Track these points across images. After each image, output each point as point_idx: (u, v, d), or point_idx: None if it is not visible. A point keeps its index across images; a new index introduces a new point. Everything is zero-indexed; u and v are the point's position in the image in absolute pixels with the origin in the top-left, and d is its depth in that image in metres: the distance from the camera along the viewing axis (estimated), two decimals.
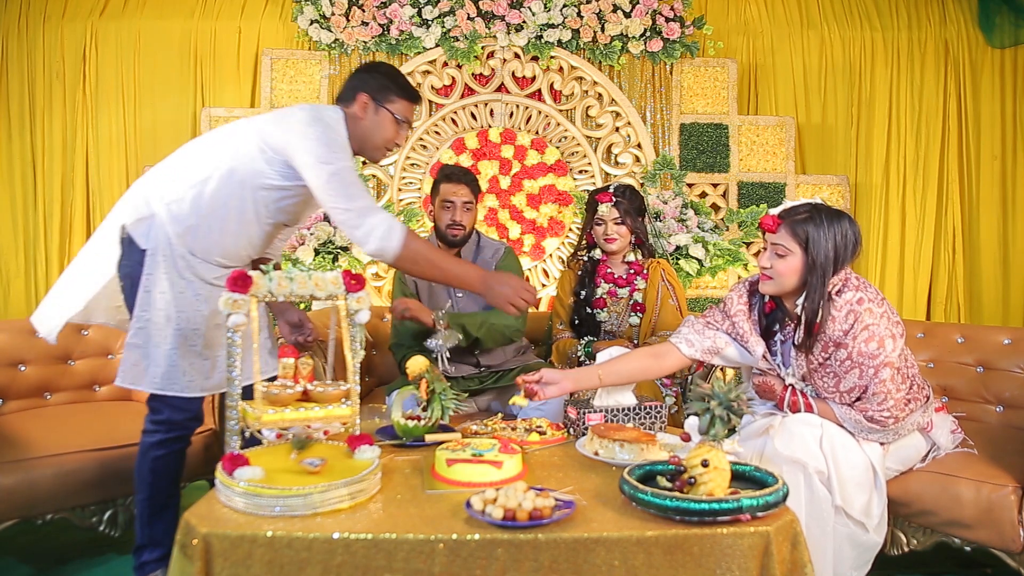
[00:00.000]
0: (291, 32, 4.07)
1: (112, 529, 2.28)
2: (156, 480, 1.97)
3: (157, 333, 1.90)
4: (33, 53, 4.00)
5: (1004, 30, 4.12)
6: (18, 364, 2.61)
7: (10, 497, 2.09)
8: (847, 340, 1.90)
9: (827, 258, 1.89)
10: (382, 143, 2.10)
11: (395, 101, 2.07)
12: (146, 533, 1.97)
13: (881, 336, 1.89)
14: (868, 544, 1.94)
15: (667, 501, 1.42)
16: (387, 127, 2.08)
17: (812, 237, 1.90)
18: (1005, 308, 4.21)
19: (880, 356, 1.88)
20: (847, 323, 1.90)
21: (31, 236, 4.02)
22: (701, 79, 4.10)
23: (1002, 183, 4.23)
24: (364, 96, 2.06)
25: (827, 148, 4.27)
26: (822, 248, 1.89)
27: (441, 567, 1.37)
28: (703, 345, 2.09)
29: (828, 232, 1.90)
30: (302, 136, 1.90)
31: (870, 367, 1.89)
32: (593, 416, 2.09)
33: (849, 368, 1.92)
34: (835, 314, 1.92)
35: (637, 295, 2.81)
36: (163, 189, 1.94)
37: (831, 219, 1.92)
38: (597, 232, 2.83)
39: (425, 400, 2.03)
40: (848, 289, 1.93)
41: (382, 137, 2.09)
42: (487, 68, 4.00)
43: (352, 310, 1.73)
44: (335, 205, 1.90)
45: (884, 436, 1.97)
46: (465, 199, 2.66)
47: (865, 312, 1.89)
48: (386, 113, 2.07)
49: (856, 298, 1.91)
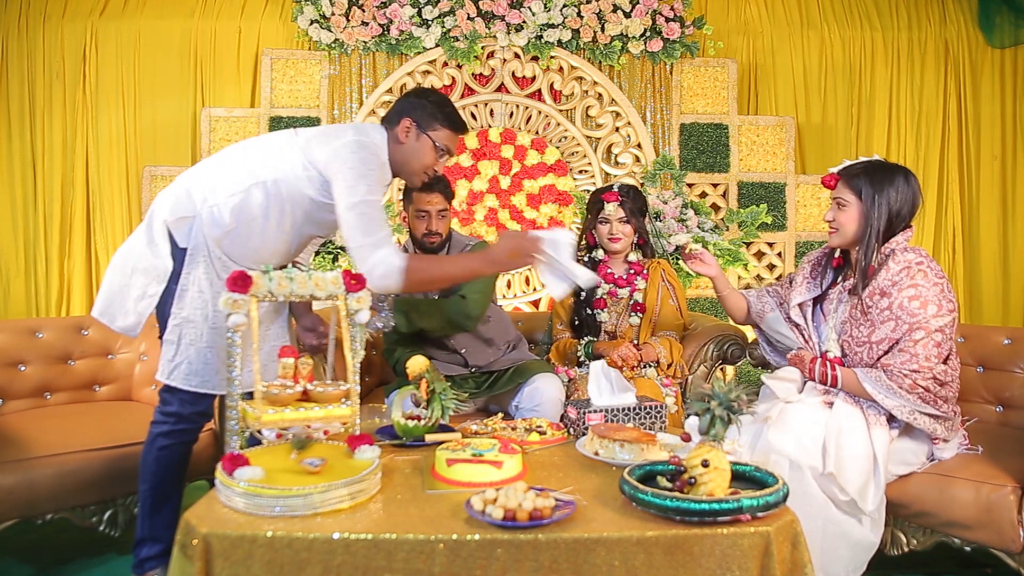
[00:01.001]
0: (291, 32, 4.07)
1: (112, 529, 2.28)
2: (160, 470, 1.98)
3: (192, 331, 1.93)
4: (33, 53, 4.00)
5: (1004, 30, 4.12)
6: (18, 364, 2.61)
7: (10, 497, 2.09)
8: (892, 290, 1.99)
9: (880, 206, 2.03)
10: (420, 168, 2.13)
11: (438, 129, 2.10)
12: (147, 526, 1.98)
13: (926, 299, 1.96)
14: (863, 543, 1.94)
15: (667, 501, 1.42)
16: (427, 154, 2.11)
17: (865, 188, 2.05)
18: (1005, 308, 4.21)
19: (919, 316, 1.95)
20: (899, 275, 2.00)
21: (31, 236, 4.02)
22: (701, 79, 4.10)
23: (1002, 183, 4.23)
24: (408, 121, 2.08)
25: (827, 148, 4.27)
26: (876, 197, 2.04)
27: (441, 567, 1.36)
28: (756, 308, 2.43)
29: (882, 183, 2.04)
30: (343, 161, 1.94)
31: (905, 323, 1.96)
32: (593, 416, 2.09)
33: (887, 319, 1.99)
34: (892, 265, 2.02)
35: (637, 295, 2.81)
36: (207, 191, 1.96)
37: (886, 172, 2.06)
38: (601, 231, 2.83)
39: (425, 400, 2.03)
40: (914, 252, 2.03)
41: (420, 163, 2.12)
42: (487, 68, 4.00)
43: (352, 310, 1.73)
44: (350, 235, 1.93)
45: (901, 403, 1.97)
46: (439, 207, 2.62)
47: (919, 272, 1.99)
48: (427, 140, 2.09)
49: (916, 260, 2.01)
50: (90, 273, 4.05)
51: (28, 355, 2.62)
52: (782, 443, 1.91)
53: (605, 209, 2.79)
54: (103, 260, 4.01)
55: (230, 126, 3.98)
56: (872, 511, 1.94)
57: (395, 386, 2.53)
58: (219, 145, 3.97)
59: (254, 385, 1.62)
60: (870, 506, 1.93)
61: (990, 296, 4.22)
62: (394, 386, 2.55)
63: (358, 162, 1.94)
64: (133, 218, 4.03)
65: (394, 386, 2.55)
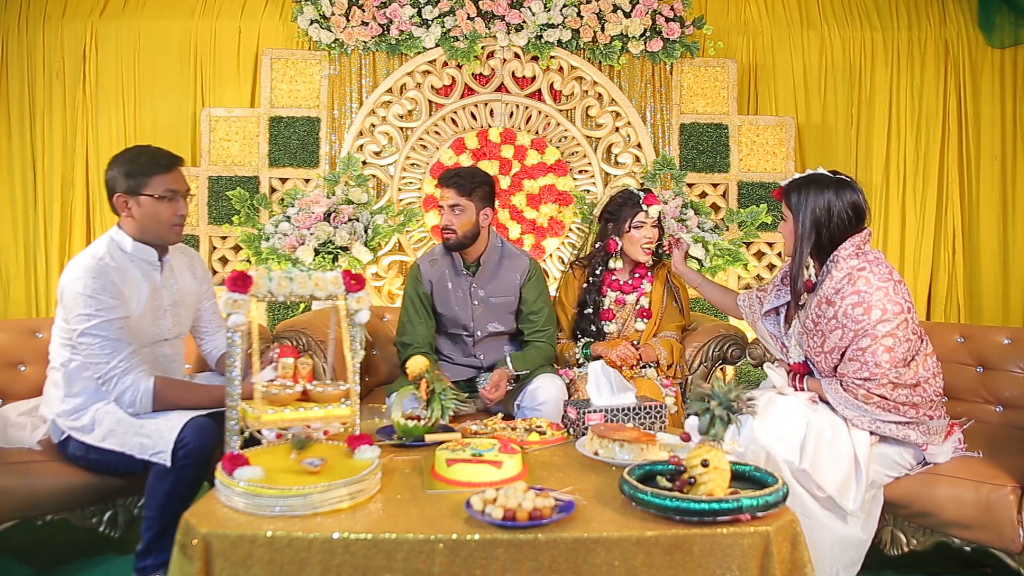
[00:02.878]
0: (291, 32, 4.07)
1: (112, 530, 2.28)
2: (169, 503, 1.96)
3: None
4: (33, 53, 4.00)
5: (1004, 30, 4.11)
6: (18, 364, 2.61)
7: (10, 497, 2.08)
8: (836, 299, 1.98)
9: (806, 222, 2.04)
10: (165, 225, 2.13)
11: (147, 183, 2.10)
12: (155, 545, 1.98)
13: (869, 304, 1.93)
14: (851, 540, 1.93)
15: (667, 501, 1.42)
16: (156, 210, 2.11)
17: (794, 202, 2.08)
18: (1005, 308, 4.21)
19: (863, 322, 1.92)
20: (841, 283, 1.99)
21: (31, 236, 4.02)
22: (701, 79, 4.10)
23: (1002, 183, 4.23)
24: (119, 197, 2.11)
25: (827, 148, 4.27)
26: (802, 213, 2.05)
27: (441, 567, 1.37)
28: (749, 316, 2.41)
29: (811, 198, 2.05)
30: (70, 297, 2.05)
31: (851, 330, 1.94)
32: (593, 416, 2.09)
33: (834, 328, 1.98)
34: (834, 273, 2.00)
35: (644, 300, 2.80)
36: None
37: (819, 187, 2.06)
38: (635, 237, 2.73)
39: (425, 400, 2.03)
40: (857, 258, 2.01)
41: (157, 221, 2.12)
42: (487, 68, 4.00)
43: (352, 310, 1.73)
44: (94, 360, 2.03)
45: (859, 413, 1.96)
46: (451, 202, 2.60)
47: (860, 279, 1.96)
48: (146, 199, 2.10)
49: (859, 265, 1.99)
50: None
51: (28, 355, 2.62)
52: (763, 434, 1.91)
53: (649, 212, 2.71)
54: None
55: (230, 126, 3.98)
56: (855, 510, 1.93)
57: (396, 387, 2.53)
58: (219, 145, 3.97)
59: (253, 385, 1.62)
60: (852, 505, 1.92)
61: (990, 296, 4.22)
62: (394, 387, 2.55)
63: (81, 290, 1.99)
64: None
65: (394, 387, 2.55)
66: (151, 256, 2.17)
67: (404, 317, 2.70)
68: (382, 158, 3.99)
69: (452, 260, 2.72)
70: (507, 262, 2.72)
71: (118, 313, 2.02)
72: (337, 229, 3.72)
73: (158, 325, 2.19)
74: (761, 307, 2.36)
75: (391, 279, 3.98)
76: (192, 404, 2.04)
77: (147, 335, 2.16)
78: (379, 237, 3.81)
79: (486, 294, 2.68)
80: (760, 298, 2.40)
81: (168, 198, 2.11)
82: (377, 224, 3.83)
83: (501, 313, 2.71)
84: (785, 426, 1.94)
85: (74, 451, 2.12)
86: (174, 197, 2.12)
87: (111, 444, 2.03)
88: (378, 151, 3.99)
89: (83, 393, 2.09)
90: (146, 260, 2.16)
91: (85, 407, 2.09)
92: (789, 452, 1.89)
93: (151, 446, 1.96)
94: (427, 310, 2.68)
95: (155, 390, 1.99)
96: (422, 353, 2.33)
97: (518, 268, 2.71)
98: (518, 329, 2.74)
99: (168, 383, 2.05)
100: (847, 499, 1.92)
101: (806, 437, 1.92)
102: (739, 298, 2.48)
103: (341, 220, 3.73)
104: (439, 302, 2.69)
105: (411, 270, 2.77)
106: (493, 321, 2.69)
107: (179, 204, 2.14)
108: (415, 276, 2.72)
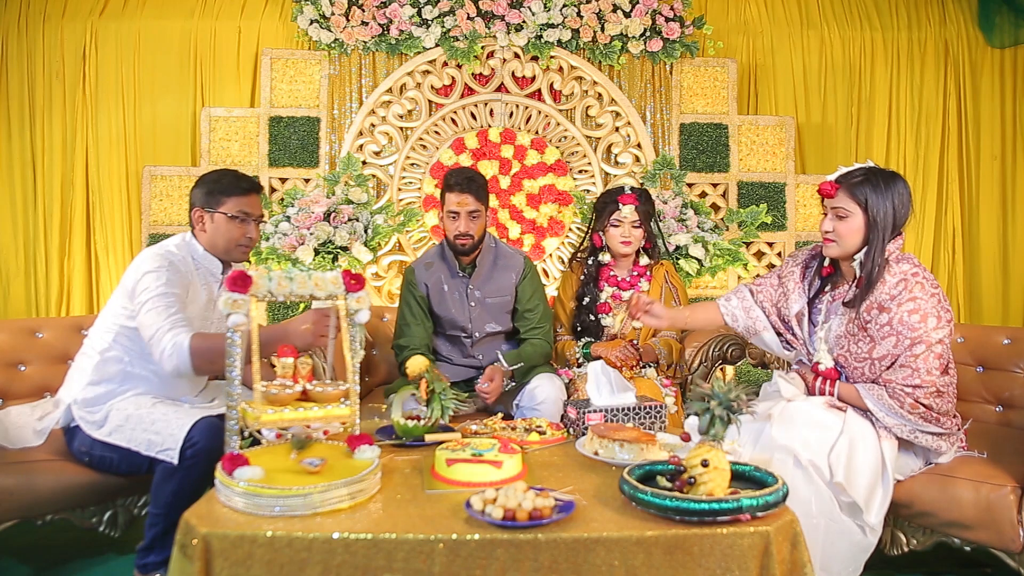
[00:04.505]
0: (291, 32, 4.07)
1: (112, 529, 2.28)
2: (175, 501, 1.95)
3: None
4: (33, 53, 4.00)
5: (1004, 30, 4.11)
6: (18, 364, 2.60)
7: (10, 497, 2.08)
8: (891, 305, 1.94)
9: (886, 216, 1.96)
10: (231, 243, 2.23)
11: (224, 203, 2.20)
12: (158, 542, 1.97)
13: (925, 312, 1.91)
14: (863, 544, 1.93)
15: (667, 501, 1.42)
16: (227, 229, 2.21)
17: (871, 197, 1.97)
18: (1005, 308, 4.21)
19: (920, 330, 1.90)
20: (896, 289, 1.94)
21: (31, 236, 4.02)
22: (701, 79, 4.10)
23: (1002, 183, 4.23)
24: (196, 211, 2.22)
25: (827, 148, 4.27)
26: (881, 207, 1.96)
27: (441, 567, 1.36)
28: (745, 324, 2.26)
29: (886, 192, 1.97)
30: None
31: (907, 338, 1.91)
32: (593, 416, 2.09)
33: (887, 334, 1.94)
34: (888, 278, 1.96)
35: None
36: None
37: (887, 180, 1.99)
38: (613, 234, 2.76)
39: (425, 400, 2.03)
40: (907, 262, 1.98)
41: (225, 239, 2.22)
42: (487, 68, 4.00)
43: (352, 310, 1.73)
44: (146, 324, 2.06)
45: (901, 422, 1.95)
46: (471, 208, 2.58)
47: (916, 285, 1.94)
48: (220, 216, 2.20)
49: (912, 271, 1.96)
50: (90, 273, 4.05)
51: (28, 355, 2.62)
52: (788, 439, 1.89)
53: (623, 211, 2.73)
54: (103, 260, 4.01)
55: (230, 126, 3.98)
56: (875, 524, 1.93)
57: (395, 388, 2.53)
58: (219, 145, 3.97)
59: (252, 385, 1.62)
60: (873, 519, 1.92)
61: (990, 296, 4.22)
62: (394, 388, 2.54)
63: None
64: (133, 218, 4.04)
65: (394, 388, 2.54)
66: (216, 268, 2.26)
67: (401, 320, 2.71)
68: (382, 158, 3.99)
69: (447, 263, 2.71)
70: (502, 262, 2.72)
71: (179, 290, 2.10)
72: (337, 229, 3.72)
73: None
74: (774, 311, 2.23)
75: (391, 279, 3.97)
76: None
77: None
78: (379, 237, 3.82)
79: (482, 295, 2.68)
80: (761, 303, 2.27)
81: (240, 219, 2.21)
82: (377, 224, 3.83)
83: (498, 313, 2.71)
84: (810, 431, 1.91)
85: (79, 444, 2.14)
86: (246, 219, 2.23)
87: (117, 439, 2.05)
88: (378, 151, 3.99)
89: (106, 383, 2.14)
90: (210, 271, 2.25)
91: (102, 402, 2.12)
92: (817, 456, 1.88)
93: (159, 443, 1.97)
94: (424, 313, 2.68)
95: (192, 347, 1.99)
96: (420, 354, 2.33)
97: (513, 267, 2.72)
98: (514, 328, 2.74)
99: (204, 337, 2.05)
100: (871, 512, 1.91)
101: (838, 448, 1.89)
102: (722, 307, 2.30)
103: (341, 220, 3.73)
104: (436, 304, 2.69)
105: (406, 274, 2.77)
106: (490, 322, 2.70)
107: (250, 227, 2.24)
108: (410, 280, 2.73)
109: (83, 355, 2.22)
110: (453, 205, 2.58)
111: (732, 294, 2.33)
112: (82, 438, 2.13)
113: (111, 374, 2.14)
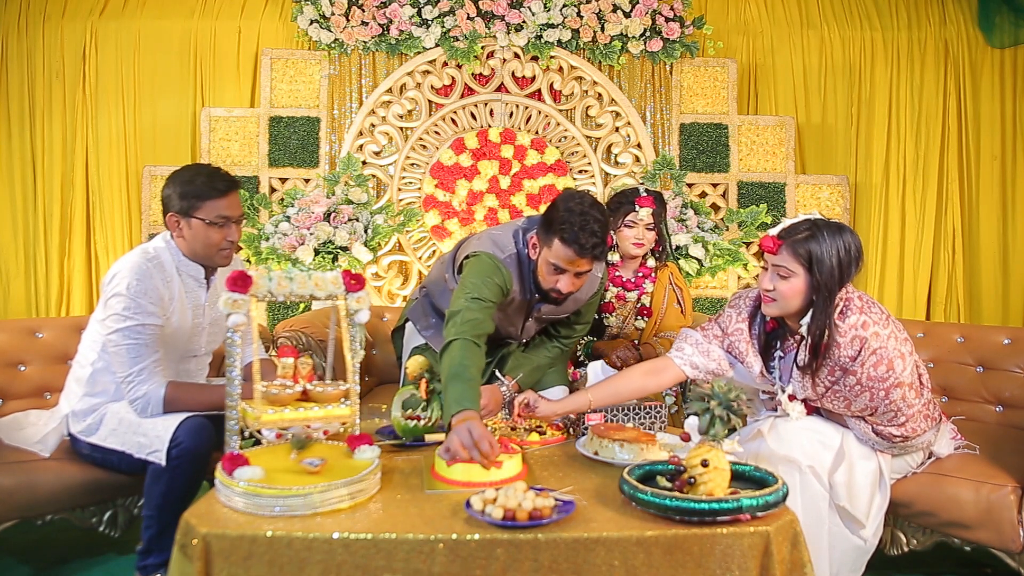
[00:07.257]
0: (291, 32, 4.07)
1: (112, 529, 2.28)
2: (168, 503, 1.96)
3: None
4: (33, 53, 4.00)
5: (1004, 30, 4.11)
6: (18, 364, 2.60)
7: (10, 497, 2.08)
8: (855, 367, 1.83)
9: (832, 276, 1.82)
10: (211, 248, 2.12)
11: (200, 207, 2.07)
12: (155, 543, 1.97)
13: (890, 358, 1.82)
14: (864, 548, 1.93)
15: (667, 501, 1.42)
16: (205, 234, 2.10)
17: (815, 256, 1.81)
18: (1005, 308, 4.21)
19: (890, 378, 1.83)
20: (853, 349, 1.83)
21: (31, 236, 4.02)
22: (701, 79, 4.10)
23: (1002, 183, 4.23)
24: (171, 216, 2.10)
25: (827, 148, 4.27)
26: (826, 267, 1.81)
27: (441, 567, 1.36)
28: (708, 367, 2.04)
29: (831, 249, 1.81)
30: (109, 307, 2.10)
31: (880, 390, 1.84)
32: (593, 416, 2.09)
33: (859, 392, 1.86)
34: (840, 340, 1.83)
35: (644, 299, 2.79)
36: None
37: (833, 234, 1.83)
38: (626, 235, 2.72)
39: (425, 400, 2.03)
40: (851, 312, 1.84)
41: (204, 244, 2.11)
42: (487, 68, 4.00)
43: (352, 310, 1.73)
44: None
45: (892, 449, 1.97)
46: (584, 270, 2.12)
47: (872, 336, 1.82)
48: (197, 222, 2.09)
49: (860, 322, 1.83)
50: (90, 273, 4.05)
51: (28, 355, 2.62)
52: (787, 449, 1.89)
53: (638, 213, 2.71)
54: (103, 260, 4.01)
55: (230, 126, 3.98)
56: (870, 536, 1.93)
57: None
58: (219, 145, 3.97)
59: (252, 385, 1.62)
60: (872, 526, 1.92)
61: (990, 296, 4.22)
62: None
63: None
64: (133, 218, 4.03)
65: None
66: (198, 273, 2.17)
67: (480, 294, 2.12)
68: (382, 158, 3.99)
69: (526, 284, 2.30)
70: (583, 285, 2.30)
71: (153, 320, 2.03)
72: (337, 229, 3.72)
73: (193, 342, 2.21)
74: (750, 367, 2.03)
75: (391, 279, 3.98)
76: (203, 405, 2.05)
77: (179, 349, 2.18)
78: (379, 237, 3.82)
79: (547, 312, 2.39)
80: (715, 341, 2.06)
81: (219, 224, 2.08)
82: (377, 224, 3.83)
83: (547, 323, 2.49)
84: (808, 438, 1.90)
85: (81, 447, 2.16)
86: (225, 224, 2.09)
87: (112, 443, 2.06)
88: (378, 151, 3.99)
89: (101, 395, 2.12)
90: (193, 276, 2.17)
91: (96, 409, 2.12)
92: (819, 462, 1.87)
93: (147, 445, 1.97)
94: (496, 306, 2.24)
95: (166, 397, 2.01)
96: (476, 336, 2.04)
97: (591, 287, 2.36)
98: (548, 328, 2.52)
99: (179, 387, 2.06)
100: (871, 522, 1.91)
101: (837, 466, 1.89)
102: (677, 359, 2.05)
103: (341, 220, 3.73)
104: (498, 310, 2.30)
105: (500, 267, 2.22)
106: (537, 330, 2.50)
107: (230, 230, 2.11)
108: (507, 279, 2.23)
109: (78, 365, 2.20)
110: (564, 264, 2.09)
111: (681, 342, 2.09)
112: (82, 443, 2.14)
113: (104, 385, 2.12)
